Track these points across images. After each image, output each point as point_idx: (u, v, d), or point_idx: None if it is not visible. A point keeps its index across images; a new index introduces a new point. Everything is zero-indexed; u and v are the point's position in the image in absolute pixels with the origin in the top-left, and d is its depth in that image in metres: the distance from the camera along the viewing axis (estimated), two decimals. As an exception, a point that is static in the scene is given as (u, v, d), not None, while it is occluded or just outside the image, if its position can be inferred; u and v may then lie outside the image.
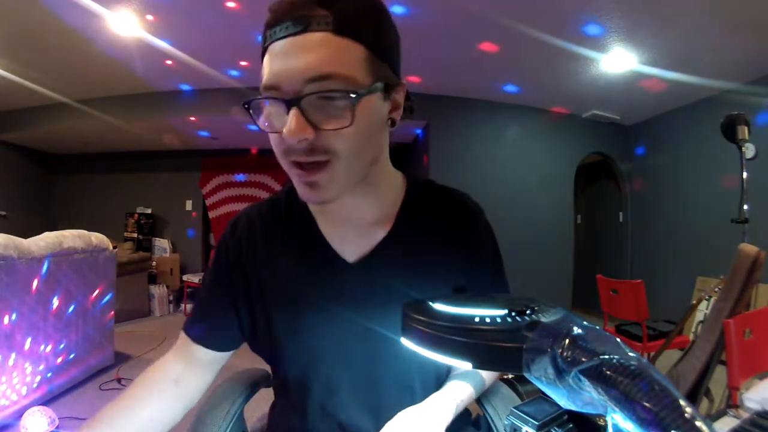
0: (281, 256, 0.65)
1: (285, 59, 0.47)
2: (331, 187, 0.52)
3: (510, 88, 3.72)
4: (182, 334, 0.69)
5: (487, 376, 0.72)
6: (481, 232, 0.70)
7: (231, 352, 0.70)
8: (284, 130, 0.47)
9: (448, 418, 0.60)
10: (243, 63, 3.34)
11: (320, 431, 0.66)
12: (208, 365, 0.69)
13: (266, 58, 0.50)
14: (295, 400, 0.68)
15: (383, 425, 0.59)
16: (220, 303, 0.67)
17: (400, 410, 0.61)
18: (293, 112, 0.47)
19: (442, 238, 0.67)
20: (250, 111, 0.51)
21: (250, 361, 0.79)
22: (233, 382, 0.79)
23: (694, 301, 2.34)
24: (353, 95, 0.47)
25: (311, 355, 0.64)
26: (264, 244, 0.66)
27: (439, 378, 0.70)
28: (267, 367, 0.87)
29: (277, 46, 0.48)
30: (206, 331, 0.67)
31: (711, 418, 0.78)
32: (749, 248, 1.44)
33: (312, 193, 0.53)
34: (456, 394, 0.64)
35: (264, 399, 0.88)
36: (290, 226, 0.66)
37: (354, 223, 0.64)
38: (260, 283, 0.65)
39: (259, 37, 0.52)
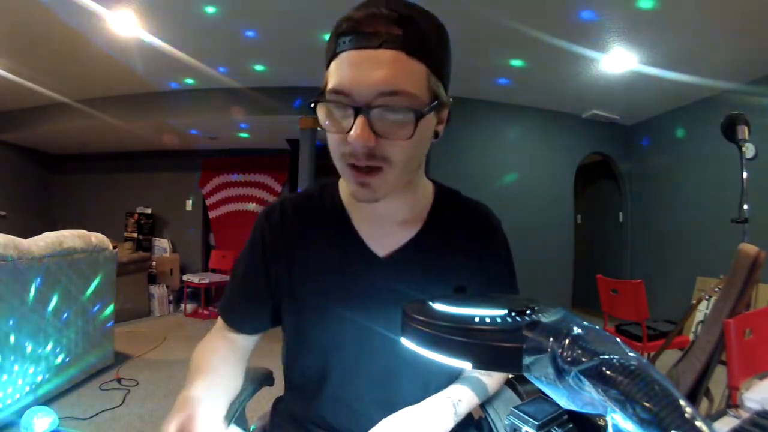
0: (315, 247, 0.69)
1: (358, 69, 0.51)
2: (381, 189, 0.58)
3: (510, 87, 3.72)
4: (220, 320, 0.75)
5: (491, 384, 0.72)
6: (500, 242, 0.75)
7: (261, 334, 0.76)
8: (351, 135, 0.52)
9: (445, 417, 0.61)
10: (243, 64, 3.34)
11: (330, 418, 0.67)
12: (243, 345, 0.74)
13: (336, 63, 0.53)
14: (310, 386, 0.70)
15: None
16: (254, 291, 0.72)
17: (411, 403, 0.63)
18: (361, 119, 0.51)
19: (464, 243, 0.71)
20: (314, 109, 0.56)
21: (252, 360, 0.79)
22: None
23: (694, 301, 2.34)
24: (415, 111, 0.51)
25: (335, 342, 0.67)
26: (298, 235, 0.70)
27: (452, 380, 0.71)
28: (268, 366, 0.87)
29: (350, 55, 0.51)
30: (241, 317, 0.73)
31: (711, 418, 0.78)
32: (749, 248, 1.44)
33: (364, 193, 0.58)
34: (453, 394, 0.65)
35: (265, 398, 0.89)
36: (324, 220, 0.70)
37: (386, 222, 0.68)
38: (292, 271, 0.69)
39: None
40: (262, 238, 0.72)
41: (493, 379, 0.72)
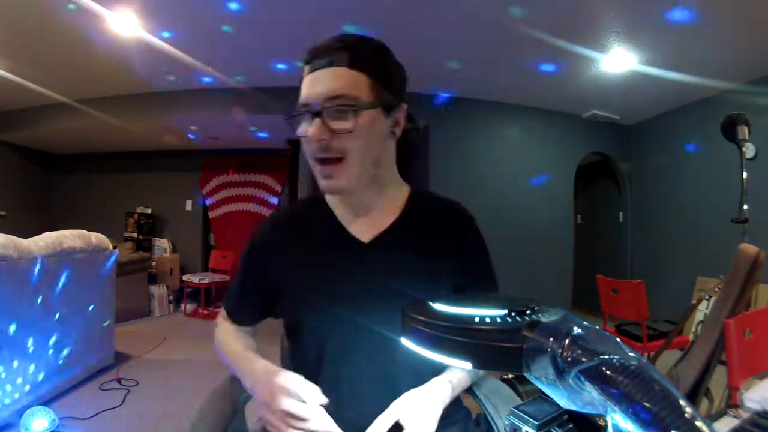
0: (305, 244, 0.78)
1: (314, 85, 0.68)
2: (342, 178, 0.69)
3: (510, 87, 3.71)
4: (223, 311, 0.89)
5: None
6: (472, 237, 0.82)
7: (258, 324, 0.89)
8: (308, 134, 0.67)
9: (446, 396, 0.70)
10: (243, 64, 3.34)
11: (330, 406, 0.68)
12: (248, 330, 0.88)
13: (303, 84, 0.70)
14: (310, 370, 0.73)
15: (392, 394, 0.66)
16: (247, 294, 0.84)
17: (411, 381, 0.70)
18: (316, 120, 0.67)
19: (438, 233, 0.79)
20: (291, 122, 0.72)
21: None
22: (235, 382, 0.79)
23: (694, 301, 2.34)
24: (354, 107, 0.66)
25: (327, 325, 0.73)
26: (290, 236, 0.80)
27: None
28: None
29: (310, 76, 0.69)
30: (240, 314, 0.87)
31: (711, 418, 0.78)
32: (749, 248, 1.44)
33: (329, 183, 0.70)
34: (452, 377, 0.73)
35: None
36: (313, 221, 0.81)
37: (367, 211, 0.78)
38: (286, 268, 0.78)
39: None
40: (253, 249, 0.83)
41: None
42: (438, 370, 0.74)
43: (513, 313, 0.34)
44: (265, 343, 0.86)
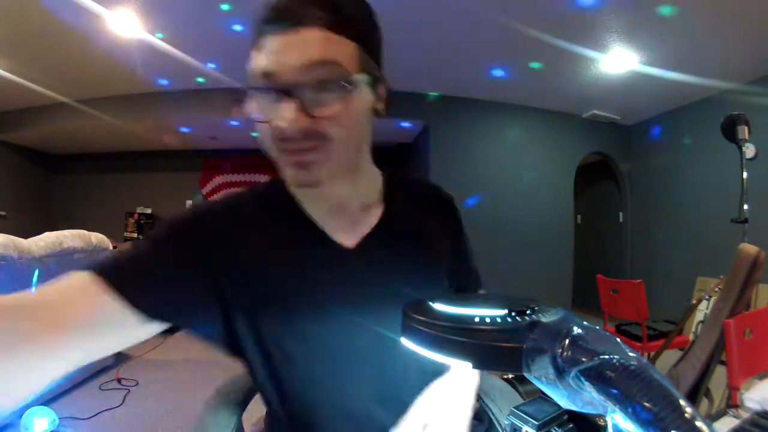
0: (274, 248, 0.60)
1: (281, 53, 0.48)
2: (322, 167, 0.53)
3: (510, 87, 3.72)
4: (87, 275, 0.47)
5: None
6: (458, 217, 0.77)
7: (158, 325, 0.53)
8: (281, 119, 0.49)
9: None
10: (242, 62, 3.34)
11: (331, 424, 0.62)
12: (117, 325, 0.48)
13: (259, 49, 0.51)
14: (301, 399, 0.62)
15: (395, 409, 0.56)
16: (168, 280, 0.53)
17: (413, 392, 0.55)
18: (290, 101, 0.48)
19: (425, 222, 0.70)
20: (240, 101, 0.52)
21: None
22: (232, 387, 0.78)
23: (694, 301, 2.34)
24: (346, 84, 0.49)
25: (317, 344, 0.60)
26: (252, 236, 0.60)
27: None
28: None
29: (272, 41, 0.49)
30: (154, 296, 0.51)
31: (711, 418, 0.78)
32: (749, 248, 1.44)
33: (303, 175, 0.53)
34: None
35: (262, 402, 0.88)
36: (281, 218, 0.62)
37: (345, 211, 0.63)
38: (245, 278, 0.57)
39: (247, 32, 0.51)
40: (197, 228, 0.58)
41: None
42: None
43: (513, 313, 0.34)
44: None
